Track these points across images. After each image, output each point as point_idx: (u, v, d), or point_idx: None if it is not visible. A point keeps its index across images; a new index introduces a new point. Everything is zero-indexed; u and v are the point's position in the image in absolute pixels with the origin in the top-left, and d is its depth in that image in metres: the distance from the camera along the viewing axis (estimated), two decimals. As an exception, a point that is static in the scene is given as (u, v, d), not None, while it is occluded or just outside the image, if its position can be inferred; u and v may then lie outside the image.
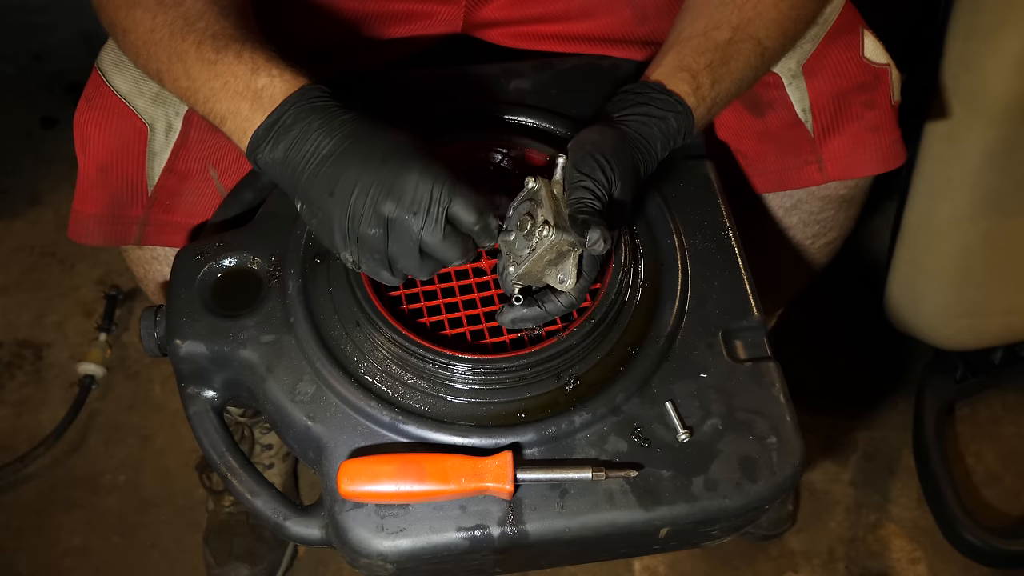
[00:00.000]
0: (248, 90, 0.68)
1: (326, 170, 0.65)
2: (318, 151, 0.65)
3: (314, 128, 0.66)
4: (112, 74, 0.80)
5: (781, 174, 0.90)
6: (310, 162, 0.66)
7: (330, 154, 0.65)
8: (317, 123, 0.66)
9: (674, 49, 0.76)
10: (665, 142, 0.73)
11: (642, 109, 0.73)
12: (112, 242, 0.84)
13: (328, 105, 0.67)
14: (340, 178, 0.64)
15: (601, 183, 0.68)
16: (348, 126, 0.66)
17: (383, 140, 0.65)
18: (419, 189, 0.63)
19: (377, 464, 0.65)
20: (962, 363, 1.37)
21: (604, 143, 0.70)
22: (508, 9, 0.90)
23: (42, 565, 1.30)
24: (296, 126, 0.66)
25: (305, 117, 0.66)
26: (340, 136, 0.65)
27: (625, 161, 0.70)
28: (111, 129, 0.80)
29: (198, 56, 0.70)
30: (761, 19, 0.76)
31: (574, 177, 0.68)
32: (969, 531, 1.26)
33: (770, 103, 0.87)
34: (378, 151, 0.64)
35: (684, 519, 0.66)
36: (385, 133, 0.66)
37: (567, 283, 0.68)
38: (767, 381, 0.71)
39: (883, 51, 0.86)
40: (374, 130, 0.66)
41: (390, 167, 0.63)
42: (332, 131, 0.66)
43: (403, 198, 0.63)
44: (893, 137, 0.87)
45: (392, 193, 0.63)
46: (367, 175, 0.64)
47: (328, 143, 0.65)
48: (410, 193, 0.63)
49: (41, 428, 1.40)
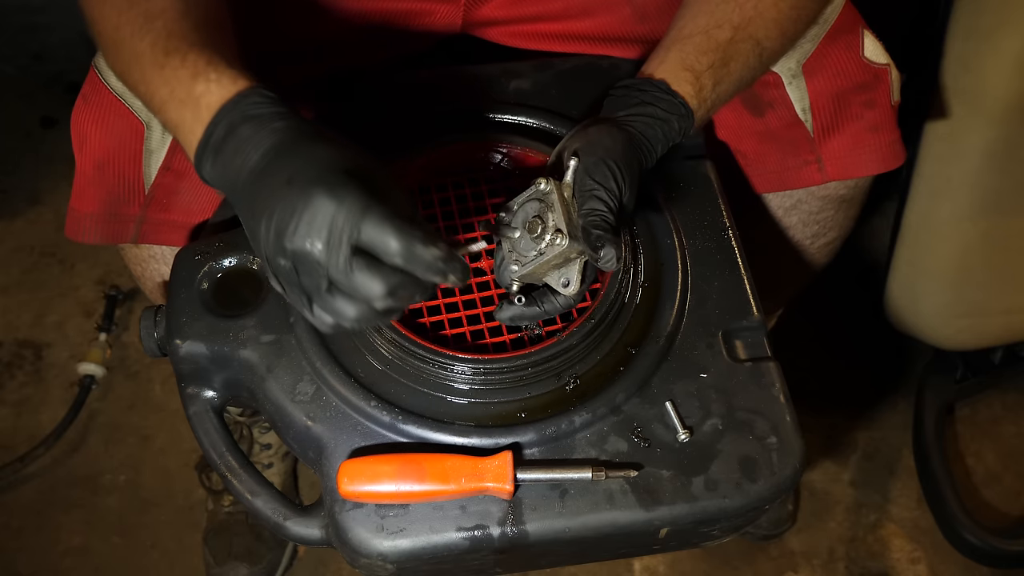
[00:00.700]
0: (189, 98, 0.63)
1: (248, 189, 0.60)
2: (245, 166, 0.60)
3: (244, 139, 0.61)
4: (109, 73, 0.80)
5: (781, 174, 0.90)
6: (239, 178, 0.61)
7: (252, 171, 0.60)
8: (246, 134, 0.61)
9: (676, 46, 0.75)
10: (665, 144, 0.74)
11: (647, 110, 0.73)
12: (109, 240, 0.84)
13: (262, 113, 0.61)
14: (255, 200, 0.59)
15: (613, 193, 0.67)
16: (274, 137, 0.60)
17: (298, 157, 0.58)
18: (319, 216, 0.54)
19: (377, 464, 0.65)
20: (962, 363, 1.37)
21: (616, 148, 0.69)
22: (507, 8, 0.90)
23: (42, 565, 1.30)
24: (229, 138, 0.61)
25: (237, 128, 0.61)
26: (263, 150, 0.60)
27: (633, 167, 0.70)
28: (108, 127, 0.80)
29: (152, 58, 0.65)
30: (761, 18, 0.76)
31: (587, 184, 0.68)
32: (969, 531, 1.26)
33: (770, 103, 0.87)
34: (286, 171, 0.57)
35: (684, 519, 0.66)
36: (307, 148, 0.59)
37: (571, 288, 0.68)
38: (767, 381, 0.71)
39: (883, 51, 0.86)
40: (296, 145, 0.60)
41: (294, 190, 0.56)
42: (258, 144, 0.60)
43: (300, 227, 0.55)
44: (893, 137, 0.87)
45: (292, 221, 0.55)
46: (274, 199, 0.57)
47: (253, 158, 0.60)
48: (307, 222, 0.55)
49: (41, 428, 1.40)
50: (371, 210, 0.55)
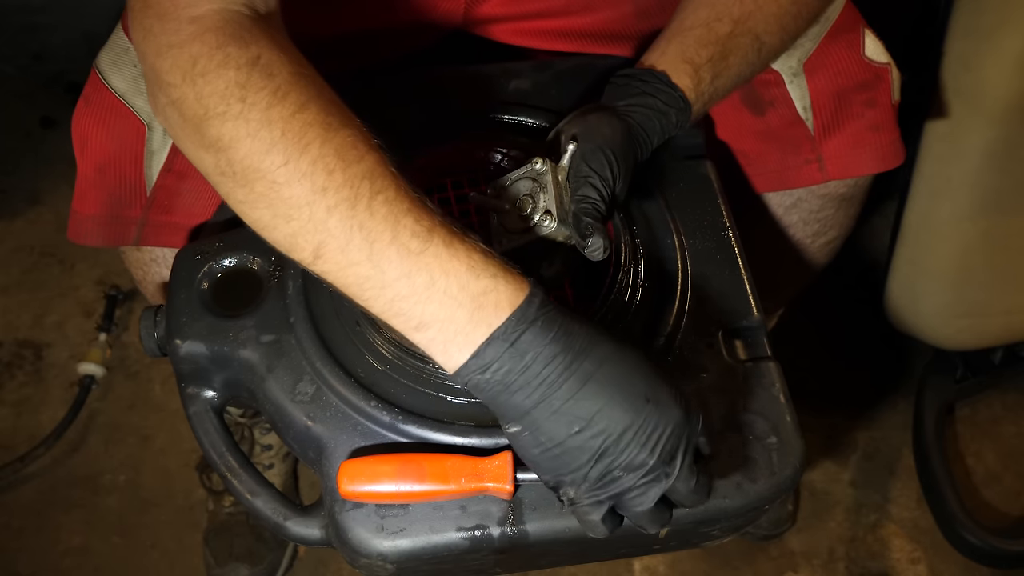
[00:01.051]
0: (464, 294, 0.56)
1: (571, 405, 0.56)
2: (558, 379, 0.56)
3: (551, 351, 0.56)
4: (110, 73, 0.80)
5: (781, 173, 0.90)
6: (546, 390, 0.56)
7: (575, 385, 0.56)
8: (553, 347, 0.56)
9: (677, 38, 0.75)
10: (662, 136, 0.74)
11: (648, 101, 0.72)
12: (111, 243, 0.84)
13: (552, 316, 0.57)
14: (592, 416, 0.56)
15: (607, 182, 0.68)
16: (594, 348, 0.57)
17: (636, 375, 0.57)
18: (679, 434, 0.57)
19: (377, 464, 0.65)
20: (962, 363, 1.37)
21: (615, 138, 0.69)
22: (508, 5, 0.90)
23: (42, 565, 1.30)
24: (522, 344, 0.56)
25: (536, 335, 0.56)
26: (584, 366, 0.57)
27: (629, 158, 0.70)
28: (109, 129, 0.80)
29: (392, 238, 0.56)
30: (761, 13, 0.76)
31: (582, 171, 0.68)
32: (969, 531, 1.26)
33: (771, 101, 0.87)
34: (636, 388, 0.57)
35: (684, 519, 0.66)
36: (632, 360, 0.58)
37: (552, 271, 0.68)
38: (767, 381, 0.71)
39: (884, 50, 0.86)
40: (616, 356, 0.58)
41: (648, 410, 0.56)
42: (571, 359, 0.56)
43: (661, 445, 0.57)
44: (893, 136, 0.87)
45: (650, 438, 0.56)
46: (627, 417, 0.56)
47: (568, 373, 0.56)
48: (671, 439, 0.57)
49: (41, 428, 1.40)
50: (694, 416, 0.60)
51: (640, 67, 0.75)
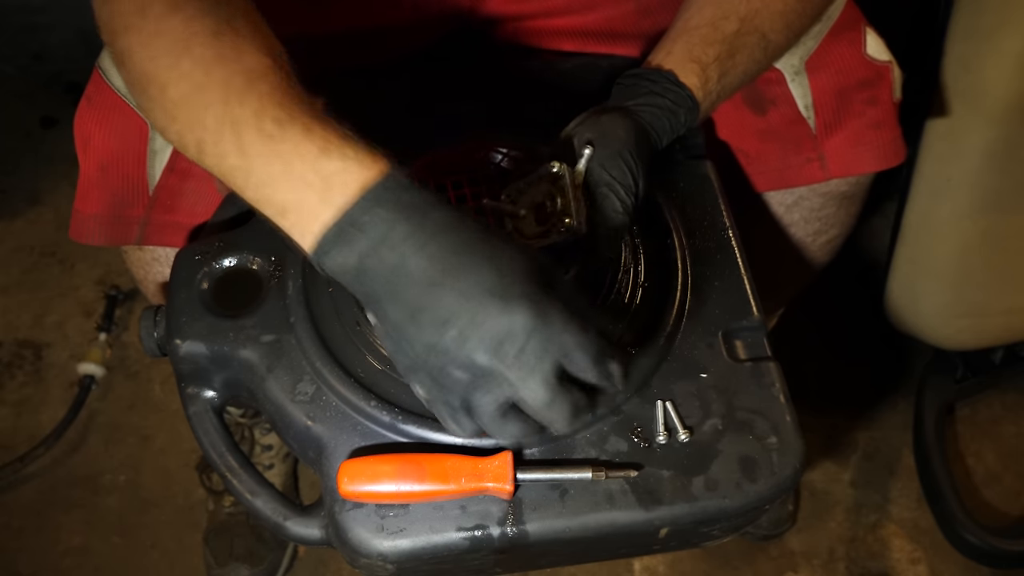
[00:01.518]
0: (316, 176, 0.56)
1: (414, 293, 0.54)
2: (403, 263, 0.54)
3: (399, 234, 0.54)
4: (113, 73, 0.80)
5: (783, 171, 0.90)
6: (393, 275, 0.54)
7: (417, 271, 0.54)
8: (403, 227, 0.54)
9: (683, 37, 0.75)
10: (671, 136, 0.73)
11: (656, 100, 0.72)
12: (113, 242, 0.84)
13: (415, 200, 0.55)
14: (429, 306, 0.54)
15: (630, 189, 0.67)
16: (446, 235, 0.54)
17: (486, 268, 0.54)
18: (530, 341, 0.52)
19: (377, 464, 0.65)
20: (962, 363, 1.37)
21: (630, 140, 0.69)
22: (512, 3, 0.90)
23: (42, 565, 1.31)
24: (375, 228, 0.54)
25: (388, 218, 0.54)
26: (432, 250, 0.54)
27: (646, 159, 0.70)
28: (112, 128, 0.80)
29: (257, 127, 0.57)
30: (767, 11, 0.76)
31: (603, 178, 0.67)
32: (969, 531, 1.26)
33: (773, 100, 0.87)
34: (482, 281, 0.53)
35: (684, 519, 0.66)
36: (492, 255, 0.54)
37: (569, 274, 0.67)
38: (767, 381, 0.71)
39: (885, 48, 0.86)
40: (475, 247, 0.54)
41: (492, 306, 0.52)
42: (421, 241, 0.54)
43: (504, 348, 0.53)
44: (894, 134, 0.88)
45: (492, 339, 0.53)
46: (465, 312, 0.53)
47: (418, 257, 0.54)
48: (511, 344, 0.53)
49: (41, 428, 1.40)
50: (573, 331, 0.54)
51: (647, 67, 0.75)
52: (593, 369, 0.55)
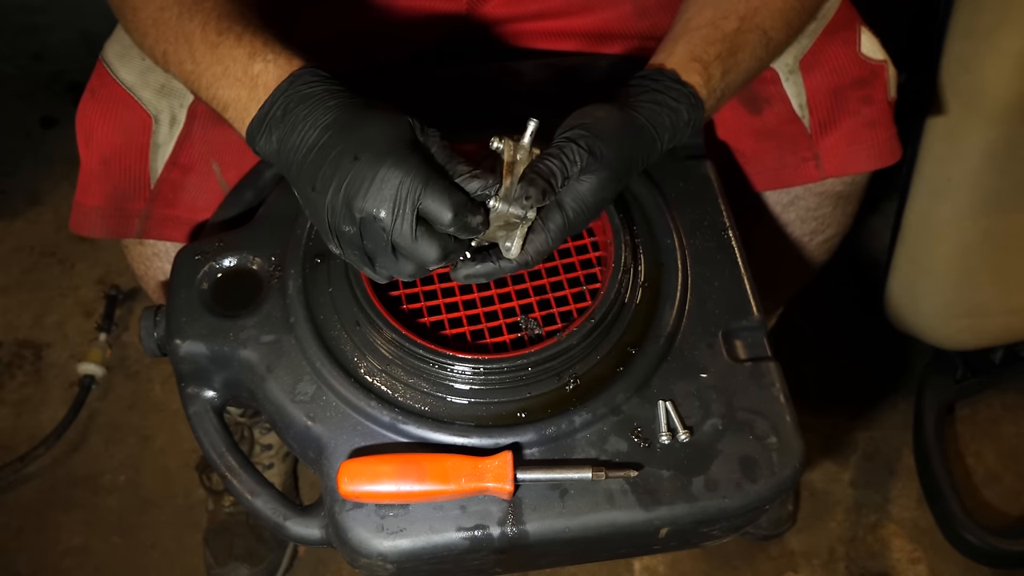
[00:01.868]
0: (246, 76, 0.66)
1: (309, 163, 0.63)
2: (304, 142, 0.64)
3: (301, 117, 0.64)
4: (117, 66, 0.80)
5: (779, 171, 0.90)
6: (297, 153, 0.64)
7: (312, 146, 0.63)
8: (304, 112, 0.64)
9: (684, 38, 0.75)
10: (673, 134, 0.72)
11: (656, 97, 0.71)
12: (113, 235, 0.84)
13: (317, 91, 0.65)
14: (319, 173, 0.63)
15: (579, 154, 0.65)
16: (332, 114, 0.64)
17: (360, 133, 0.63)
18: (385, 187, 0.61)
19: (377, 464, 0.65)
20: (962, 363, 1.37)
21: (607, 121, 0.67)
22: (509, 5, 0.90)
23: (42, 565, 1.31)
24: (287, 116, 0.65)
25: (295, 106, 0.65)
26: (323, 126, 0.64)
27: (621, 145, 0.67)
28: (115, 121, 0.80)
29: (203, 38, 0.68)
30: (767, 8, 0.76)
31: (558, 140, 0.66)
32: (969, 531, 1.26)
33: (767, 99, 0.87)
34: (352, 145, 0.62)
35: (684, 519, 0.66)
36: (366, 123, 0.63)
37: (511, 252, 0.66)
38: (767, 381, 0.71)
39: (880, 47, 0.86)
40: (356, 119, 0.64)
41: (362, 163, 0.61)
42: (316, 121, 0.64)
43: (369, 197, 0.61)
44: (889, 133, 0.88)
45: (361, 191, 0.61)
46: (340, 171, 0.62)
47: (312, 134, 0.64)
48: (376, 192, 0.61)
49: (41, 428, 1.40)
50: (431, 182, 0.61)
51: (650, 67, 0.75)
52: (452, 222, 0.62)
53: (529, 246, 0.66)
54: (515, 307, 0.74)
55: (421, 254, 0.63)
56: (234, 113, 0.68)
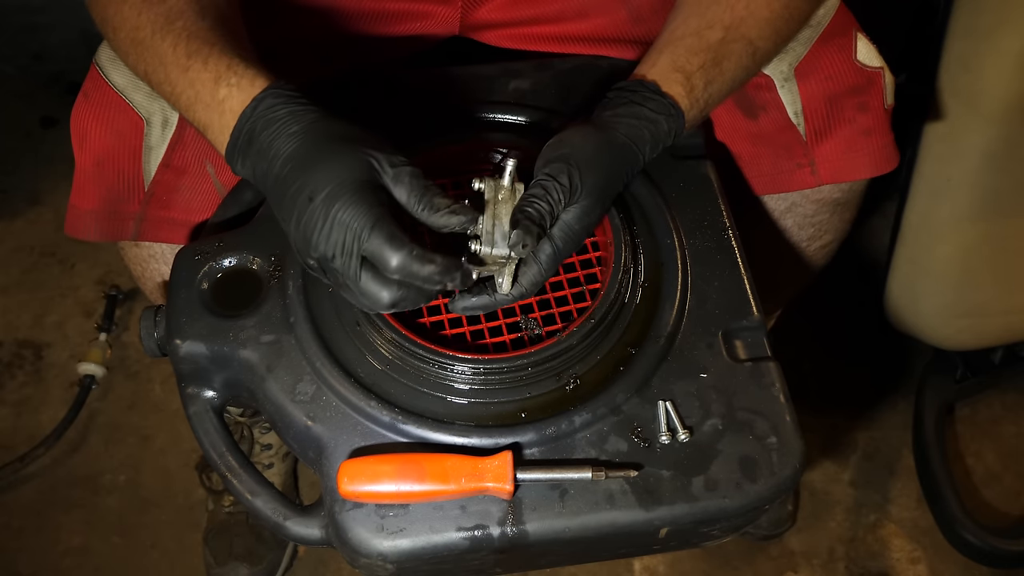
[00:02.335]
0: (214, 101, 0.66)
1: (275, 195, 0.64)
2: (270, 171, 0.64)
3: (266, 145, 0.64)
4: (109, 69, 0.80)
5: (774, 176, 0.90)
6: (267, 180, 0.65)
7: (276, 176, 0.64)
8: (268, 138, 0.64)
9: (668, 48, 0.75)
10: (654, 145, 0.72)
11: (635, 110, 0.72)
12: (108, 237, 0.84)
13: (281, 114, 0.65)
14: (282, 206, 0.64)
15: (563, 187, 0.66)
16: (294, 143, 0.64)
17: (316, 171, 0.62)
18: (334, 231, 0.61)
19: (377, 464, 0.65)
20: (962, 363, 1.37)
21: (585, 147, 0.68)
22: (504, 10, 0.90)
23: (42, 565, 1.31)
24: (253, 143, 0.65)
25: (259, 132, 0.65)
26: (284, 157, 0.64)
27: (601, 169, 0.68)
28: (108, 124, 0.80)
29: (174, 61, 0.68)
30: (753, 18, 0.76)
31: (539, 176, 0.67)
32: (969, 531, 1.26)
33: (763, 106, 0.87)
34: (308, 183, 0.62)
35: (684, 519, 0.66)
36: (324, 160, 0.63)
37: (503, 287, 0.67)
38: (767, 381, 0.71)
39: (876, 54, 0.86)
40: (315, 153, 0.63)
41: (315, 204, 0.61)
42: (279, 150, 0.64)
43: (321, 239, 0.61)
44: (885, 140, 0.87)
45: (315, 232, 0.62)
46: (298, 209, 0.62)
47: (276, 164, 0.64)
48: (326, 235, 0.61)
49: (41, 428, 1.40)
50: (376, 229, 0.60)
51: (631, 79, 0.75)
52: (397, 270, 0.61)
53: (523, 279, 0.67)
54: (515, 307, 0.74)
55: (372, 297, 0.63)
56: (212, 136, 0.68)
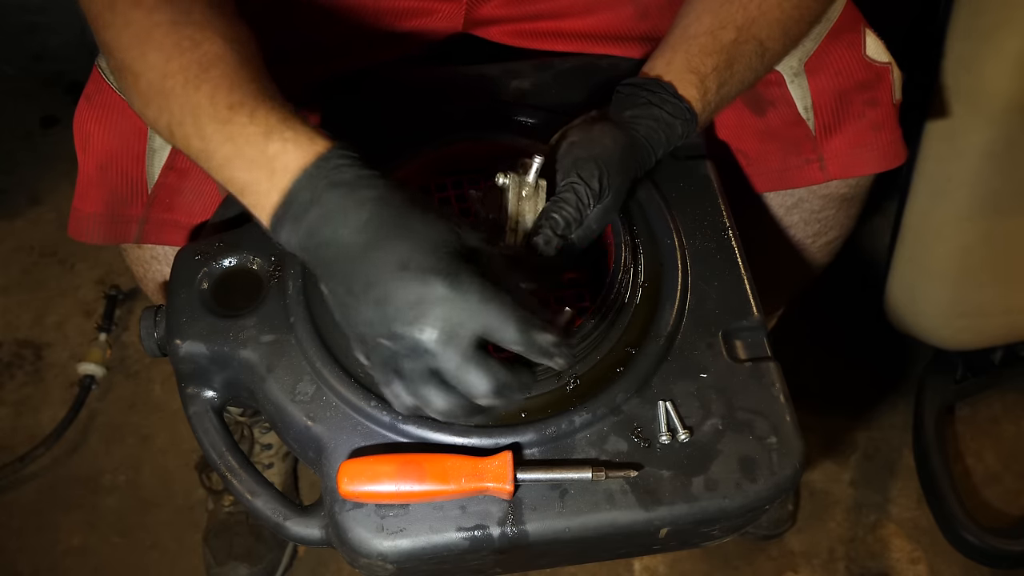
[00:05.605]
0: (263, 157, 0.59)
1: (343, 266, 0.57)
2: (336, 240, 0.57)
3: (332, 208, 0.57)
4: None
5: (782, 173, 0.90)
6: (329, 249, 0.57)
7: (349, 244, 0.57)
8: (335, 201, 0.57)
9: (683, 47, 0.75)
10: (667, 148, 0.73)
11: (653, 112, 0.72)
12: (112, 241, 0.84)
13: (348, 177, 0.58)
14: (356, 279, 0.56)
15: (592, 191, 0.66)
16: (369, 208, 0.57)
17: (404, 239, 0.56)
18: (438, 308, 0.54)
19: (377, 464, 0.65)
20: (962, 363, 1.37)
21: (614, 151, 0.69)
22: (509, 6, 0.90)
23: (42, 565, 1.31)
24: (314, 207, 0.57)
25: (321, 196, 0.57)
26: (359, 225, 0.56)
27: (628, 172, 0.70)
28: (111, 127, 0.80)
29: (211, 113, 0.61)
30: (765, 19, 0.75)
31: (571, 176, 0.67)
32: (969, 531, 1.26)
33: (772, 101, 0.87)
34: (396, 252, 0.55)
35: (684, 519, 0.66)
36: (413, 226, 0.56)
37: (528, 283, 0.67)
38: (767, 381, 0.71)
39: (884, 50, 0.86)
40: (398, 219, 0.56)
41: (408, 275, 0.55)
42: (351, 215, 0.57)
43: (416, 315, 0.54)
44: (894, 136, 0.88)
45: (406, 307, 0.55)
46: (385, 282, 0.55)
47: (346, 232, 0.57)
48: (425, 312, 0.54)
49: (41, 428, 1.40)
50: (492, 302, 0.55)
51: (646, 76, 0.75)
52: (518, 340, 0.56)
53: None
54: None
55: (469, 384, 0.56)
56: (252, 199, 0.60)
